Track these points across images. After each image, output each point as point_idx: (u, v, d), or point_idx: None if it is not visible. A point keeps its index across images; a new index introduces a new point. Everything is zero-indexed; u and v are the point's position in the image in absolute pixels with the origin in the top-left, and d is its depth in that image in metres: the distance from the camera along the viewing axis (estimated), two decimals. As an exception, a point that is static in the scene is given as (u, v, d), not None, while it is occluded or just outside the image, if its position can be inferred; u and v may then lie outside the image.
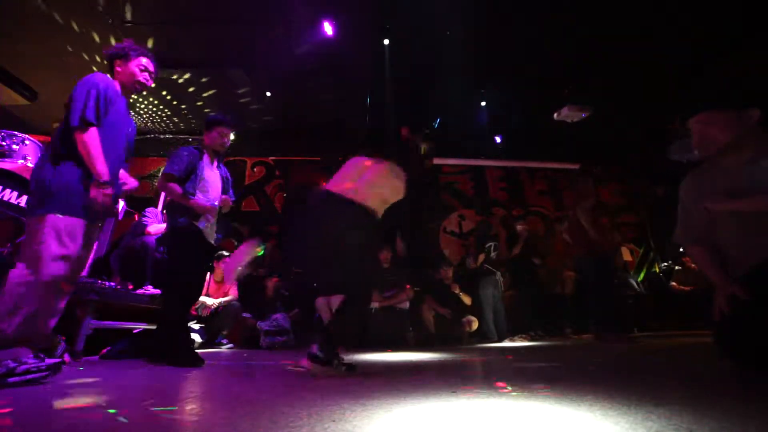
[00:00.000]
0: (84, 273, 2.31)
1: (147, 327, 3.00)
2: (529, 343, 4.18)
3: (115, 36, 4.11)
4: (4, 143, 2.62)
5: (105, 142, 1.79)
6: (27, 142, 2.71)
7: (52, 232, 1.64)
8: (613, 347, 3.10)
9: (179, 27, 4.17)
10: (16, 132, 2.71)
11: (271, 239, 6.20)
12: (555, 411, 0.89)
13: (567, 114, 5.08)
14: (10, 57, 4.40)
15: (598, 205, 4.20)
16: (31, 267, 1.62)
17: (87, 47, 4.31)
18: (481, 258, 5.04)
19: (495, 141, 6.35)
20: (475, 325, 4.72)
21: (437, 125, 5.73)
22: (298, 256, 1.74)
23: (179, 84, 5.08)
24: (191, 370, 2.04)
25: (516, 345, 4.06)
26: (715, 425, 0.71)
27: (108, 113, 1.84)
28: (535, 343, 4.14)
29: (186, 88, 5.16)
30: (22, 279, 1.60)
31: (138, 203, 4.35)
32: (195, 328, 3.94)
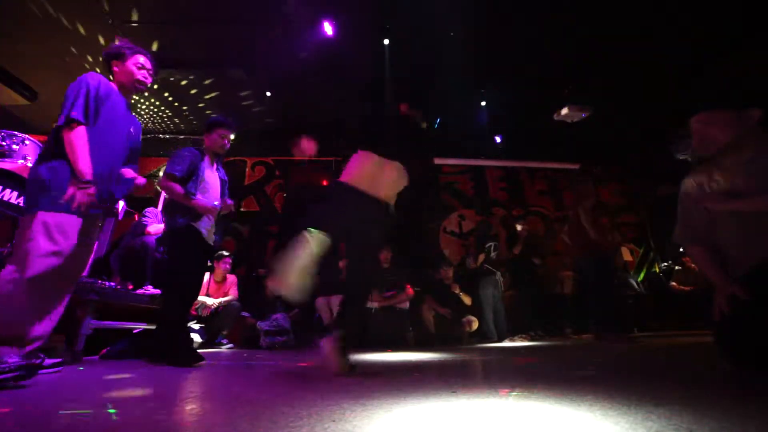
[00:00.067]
0: (84, 273, 2.31)
1: (147, 327, 3.00)
2: (529, 343, 4.18)
3: (116, 36, 4.11)
4: (4, 143, 2.62)
5: (97, 141, 1.77)
6: (27, 142, 2.71)
7: (41, 228, 1.62)
8: (613, 347, 3.10)
9: (179, 27, 4.17)
10: (16, 132, 2.70)
11: (271, 239, 6.21)
12: (555, 411, 0.89)
13: (567, 114, 5.08)
14: (10, 57, 4.40)
15: (598, 205, 4.20)
16: (19, 264, 1.59)
17: (87, 47, 4.31)
18: (481, 258, 5.04)
19: (495, 141, 6.35)
20: (475, 325, 4.72)
21: (437, 125, 5.73)
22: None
23: (179, 85, 5.08)
24: (191, 370, 2.04)
25: (516, 345, 4.06)
26: (715, 425, 0.71)
27: (100, 112, 1.82)
28: (535, 343, 4.14)
29: (186, 88, 5.16)
30: (9, 276, 1.58)
31: (138, 203, 4.35)
32: (195, 328, 3.94)
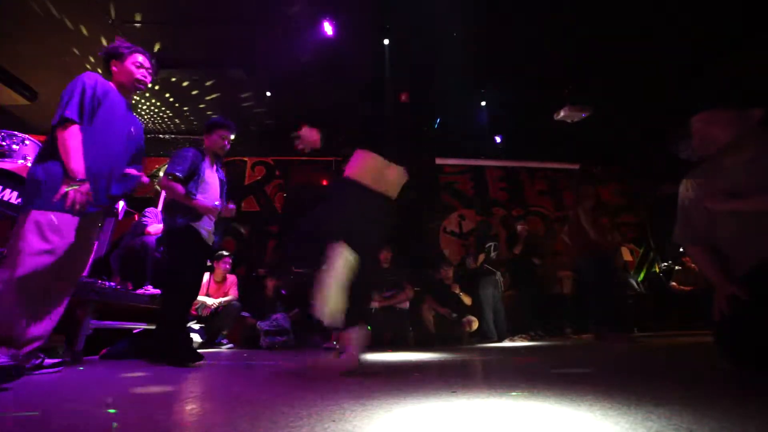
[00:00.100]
0: (84, 273, 2.31)
1: (147, 327, 3.00)
2: (529, 343, 4.18)
3: (115, 36, 4.11)
4: (4, 143, 2.61)
5: (94, 140, 1.76)
6: (27, 142, 2.70)
7: (33, 227, 1.61)
8: (613, 347, 3.10)
9: (179, 27, 4.17)
10: (16, 132, 2.70)
11: (271, 239, 6.21)
12: (555, 411, 0.89)
13: (567, 114, 5.08)
14: (10, 57, 4.40)
15: (598, 206, 4.20)
16: (10, 263, 1.57)
17: (87, 47, 4.31)
18: (481, 258, 5.04)
19: (495, 141, 6.35)
20: (475, 325, 4.72)
21: (437, 125, 5.73)
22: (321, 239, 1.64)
23: (179, 85, 5.08)
24: (191, 370, 2.04)
25: (516, 345, 4.06)
26: (715, 425, 0.71)
27: (97, 112, 1.81)
28: (535, 343, 4.14)
29: (186, 88, 5.16)
30: (1, 276, 1.56)
31: (138, 203, 4.35)
32: (195, 328, 3.94)
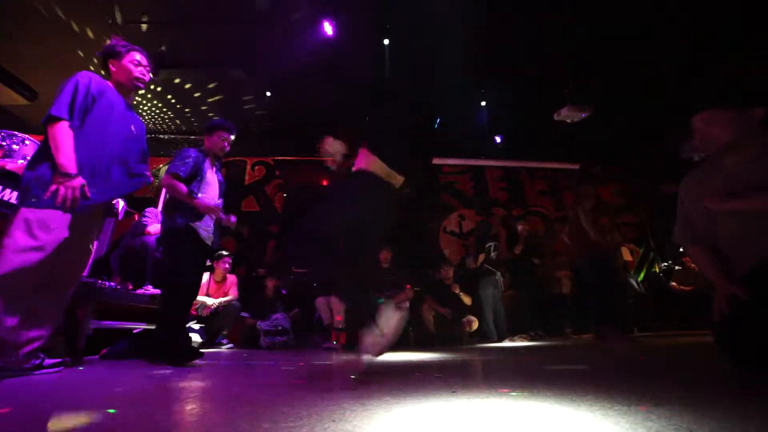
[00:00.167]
0: (84, 273, 2.31)
1: (147, 327, 3.00)
2: (529, 343, 4.18)
3: (112, 35, 4.10)
4: (4, 143, 2.62)
5: (89, 138, 1.76)
6: (27, 142, 2.70)
7: (21, 224, 1.61)
8: (613, 347, 3.10)
9: (179, 27, 4.16)
10: (16, 132, 2.70)
11: (271, 239, 6.21)
12: (555, 411, 0.89)
13: (567, 114, 5.08)
14: (10, 57, 4.39)
15: (598, 206, 4.19)
16: None
17: (87, 47, 4.31)
18: (481, 258, 5.04)
19: (495, 141, 6.35)
20: (475, 325, 4.72)
21: (437, 125, 5.72)
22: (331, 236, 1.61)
23: (179, 85, 5.08)
24: (191, 370, 2.04)
25: (516, 345, 4.06)
26: (715, 425, 0.71)
27: (92, 110, 1.80)
28: (535, 343, 4.14)
29: (186, 89, 5.16)
30: None
31: (138, 203, 4.35)
32: (195, 328, 3.94)
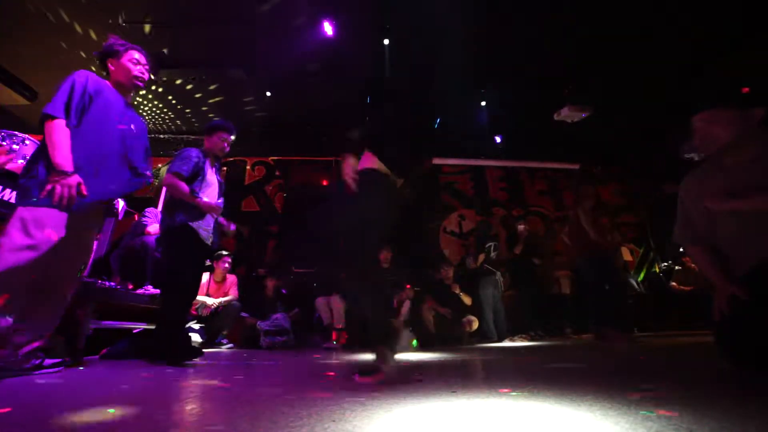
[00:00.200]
0: (85, 273, 2.31)
1: (147, 327, 3.00)
2: (529, 343, 4.18)
3: (110, 34, 4.11)
4: (4, 143, 2.62)
5: (86, 137, 1.75)
6: (27, 142, 2.71)
7: (17, 223, 1.60)
8: (613, 347, 3.10)
9: (179, 27, 4.16)
10: (16, 132, 2.70)
11: (271, 239, 6.21)
12: (555, 411, 0.89)
13: (567, 114, 5.08)
14: (10, 57, 4.40)
15: (598, 206, 4.19)
16: None
17: (87, 47, 4.31)
18: (481, 258, 5.04)
19: (495, 141, 6.35)
20: (475, 325, 4.72)
21: (437, 125, 5.73)
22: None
23: (179, 85, 5.08)
24: (191, 369, 2.04)
25: (516, 345, 4.06)
26: (715, 425, 0.71)
27: (89, 109, 1.80)
28: (535, 343, 4.14)
29: (186, 88, 5.16)
30: None
31: (138, 203, 4.35)
32: (195, 328, 3.94)
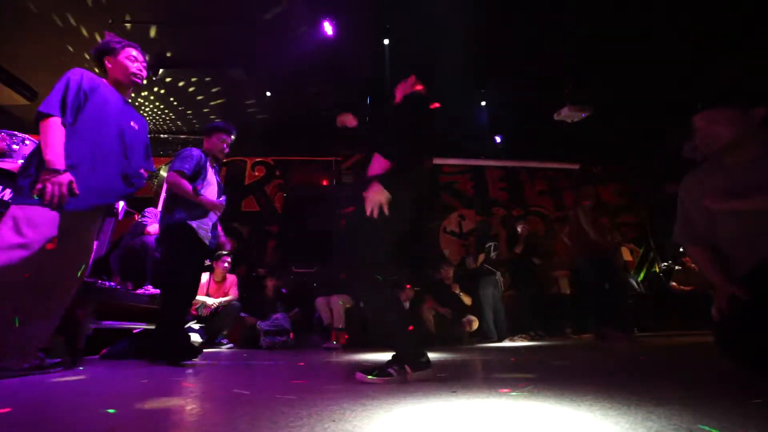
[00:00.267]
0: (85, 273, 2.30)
1: (147, 327, 3.00)
2: (529, 343, 4.18)
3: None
4: (4, 143, 2.62)
5: (81, 136, 1.75)
6: (27, 142, 2.70)
7: (9, 222, 1.59)
8: (613, 347, 3.10)
9: (179, 27, 4.16)
10: (16, 132, 2.70)
11: (271, 239, 6.21)
12: (555, 411, 0.89)
13: (567, 114, 5.08)
14: (10, 57, 4.39)
15: (598, 206, 4.20)
16: None
17: (88, 47, 4.30)
18: (481, 258, 5.04)
19: (495, 141, 6.35)
20: (475, 325, 4.72)
21: (437, 125, 5.72)
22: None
23: (178, 85, 5.08)
24: (191, 369, 2.04)
25: (516, 345, 4.06)
26: (715, 425, 0.71)
27: (84, 107, 1.79)
28: (535, 343, 4.14)
29: (185, 88, 5.16)
30: None
31: (138, 203, 4.35)
32: (195, 327, 3.94)
